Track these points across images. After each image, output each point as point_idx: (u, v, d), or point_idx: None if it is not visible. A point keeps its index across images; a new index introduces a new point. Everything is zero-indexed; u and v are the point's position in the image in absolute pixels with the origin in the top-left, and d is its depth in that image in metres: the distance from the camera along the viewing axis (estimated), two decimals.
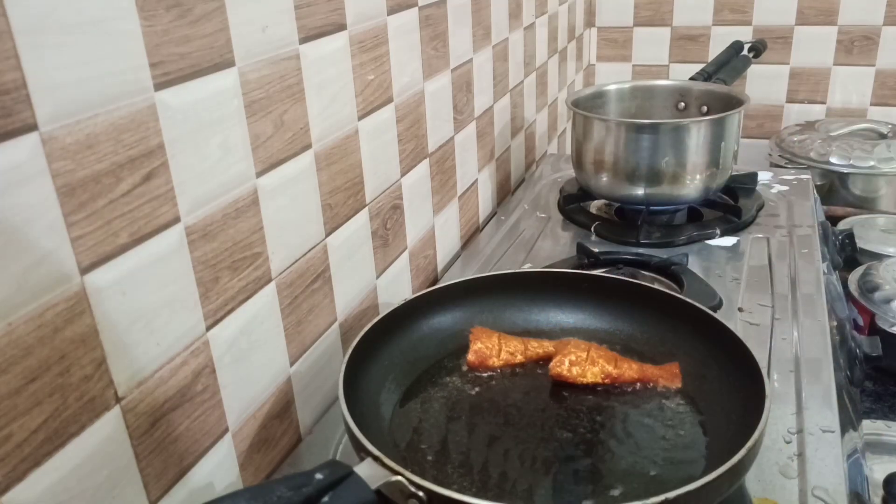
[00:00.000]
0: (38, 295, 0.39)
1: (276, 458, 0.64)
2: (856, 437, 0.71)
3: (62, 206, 0.40)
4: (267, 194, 0.59)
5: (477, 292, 0.73)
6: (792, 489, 0.57)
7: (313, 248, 0.67)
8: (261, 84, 0.57)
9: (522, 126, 1.33)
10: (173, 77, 0.48)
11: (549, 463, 0.56)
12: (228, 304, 0.56)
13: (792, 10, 1.74)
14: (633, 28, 1.89)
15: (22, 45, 0.37)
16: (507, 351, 0.67)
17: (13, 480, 0.39)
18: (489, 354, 0.67)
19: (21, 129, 0.38)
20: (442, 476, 0.55)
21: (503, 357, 0.67)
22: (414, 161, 0.87)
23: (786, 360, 0.73)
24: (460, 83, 0.99)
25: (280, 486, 0.43)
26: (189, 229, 0.51)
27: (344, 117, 0.70)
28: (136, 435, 0.47)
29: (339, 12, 0.67)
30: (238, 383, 0.58)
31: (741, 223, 1.03)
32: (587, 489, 0.53)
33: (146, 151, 0.46)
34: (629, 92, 1.20)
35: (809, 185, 1.18)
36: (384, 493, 0.47)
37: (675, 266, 0.88)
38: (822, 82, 1.78)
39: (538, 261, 0.97)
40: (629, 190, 1.03)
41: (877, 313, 1.20)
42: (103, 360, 0.44)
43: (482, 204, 1.14)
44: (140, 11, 0.44)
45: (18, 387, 0.39)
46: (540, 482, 0.54)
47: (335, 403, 0.72)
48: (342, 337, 0.74)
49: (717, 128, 0.99)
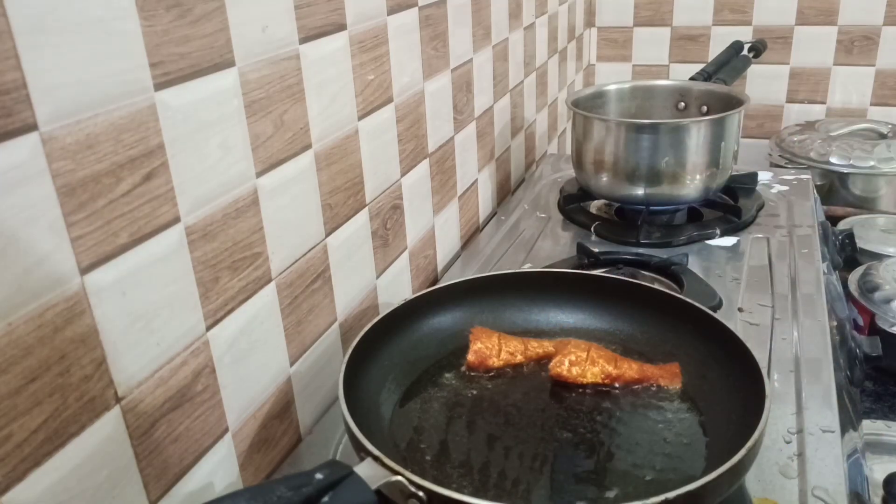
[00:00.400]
0: (38, 295, 0.39)
1: (276, 458, 0.64)
2: (856, 437, 0.71)
3: (62, 206, 0.40)
4: (267, 194, 0.59)
5: (477, 292, 0.73)
6: (792, 489, 0.57)
7: (313, 248, 0.67)
8: (261, 84, 0.57)
9: (522, 126, 1.33)
10: (173, 77, 0.48)
11: (549, 463, 0.56)
12: (228, 304, 0.56)
13: (792, 10, 1.74)
14: (633, 28, 1.89)
15: (22, 45, 0.37)
16: (507, 351, 0.67)
17: (13, 480, 0.39)
18: (489, 354, 0.67)
19: (21, 129, 0.38)
20: (442, 476, 0.55)
21: (503, 357, 0.67)
22: (414, 161, 0.87)
23: (786, 360, 0.73)
24: (460, 83, 0.99)
25: (280, 486, 0.43)
26: (189, 229, 0.51)
27: (344, 117, 0.70)
28: (136, 435, 0.47)
29: (339, 12, 0.67)
30: (238, 383, 0.58)
31: (741, 223, 1.03)
32: (587, 489, 0.53)
33: (146, 151, 0.46)
34: (629, 92, 1.20)
35: (809, 185, 1.18)
36: (384, 493, 0.47)
37: (675, 266, 0.88)
38: (822, 82, 1.78)
39: (538, 261, 0.97)
40: (629, 190, 1.03)
41: (877, 313, 1.20)
42: (103, 360, 0.44)
43: (482, 204, 1.14)
44: (140, 11, 0.44)
45: (18, 387, 0.39)
46: (540, 482, 0.54)
47: (335, 403, 0.72)
48: (342, 337, 0.74)
49: (717, 128, 0.99)
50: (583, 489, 0.53)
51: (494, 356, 0.67)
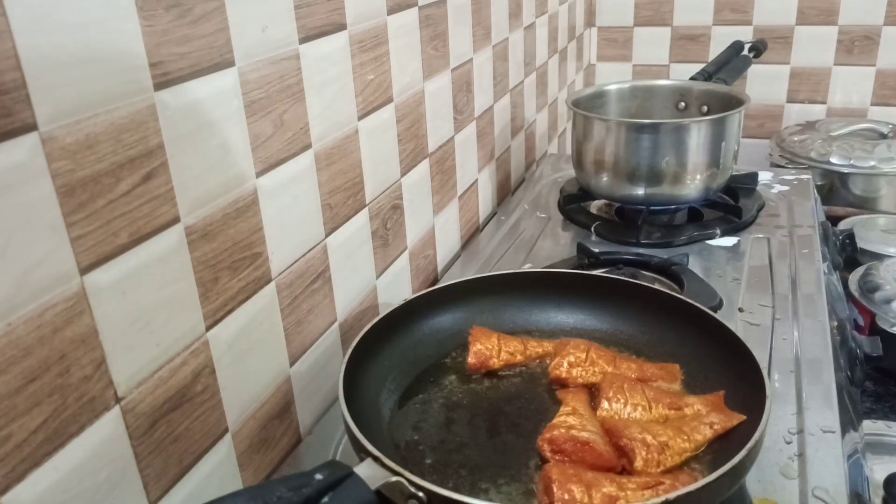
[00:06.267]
0: (37, 295, 0.39)
1: (275, 458, 0.64)
2: (856, 438, 0.71)
3: (62, 206, 0.40)
4: (267, 194, 0.59)
5: (477, 292, 0.73)
6: (792, 490, 0.57)
7: (313, 248, 0.67)
8: (260, 84, 0.57)
9: (522, 126, 1.33)
10: (173, 77, 0.48)
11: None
12: (228, 305, 0.56)
13: (792, 9, 1.74)
14: (633, 28, 1.89)
15: (22, 45, 0.37)
16: (506, 351, 0.67)
17: (13, 481, 0.39)
18: (489, 355, 0.67)
19: (21, 129, 0.38)
20: (442, 476, 0.55)
21: (503, 357, 0.67)
22: (414, 161, 0.87)
23: (786, 361, 0.73)
24: (460, 83, 0.99)
25: (280, 486, 0.43)
26: (189, 229, 0.50)
27: (344, 117, 0.70)
28: (135, 435, 0.47)
29: (339, 12, 0.67)
30: (238, 383, 0.58)
31: (741, 223, 1.03)
32: None
33: (146, 151, 0.46)
34: (629, 92, 1.20)
35: (810, 185, 1.18)
36: (384, 493, 0.47)
37: (676, 266, 0.88)
38: (823, 82, 1.78)
39: (538, 261, 0.97)
40: (629, 190, 1.03)
41: (877, 313, 1.20)
42: (103, 360, 0.44)
43: (482, 204, 1.14)
44: (140, 11, 0.44)
45: (18, 387, 0.39)
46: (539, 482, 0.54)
47: (335, 403, 0.72)
48: (342, 337, 0.74)
49: (717, 128, 0.99)
50: None
51: (494, 357, 0.67)
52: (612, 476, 0.51)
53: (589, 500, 0.48)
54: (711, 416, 0.57)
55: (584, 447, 0.54)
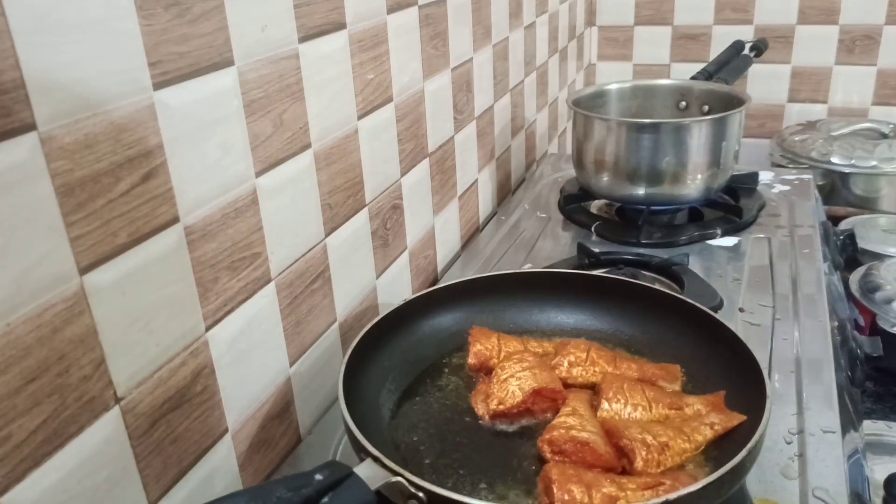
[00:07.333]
0: (37, 295, 0.39)
1: (275, 458, 0.64)
2: (856, 438, 0.71)
3: (61, 205, 0.40)
4: (266, 194, 0.59)
5: (477, 292, 0.73)
6: (793, 490, 0.57)
7: (313, 248, 0.67)
8: (260, 83, 0.57)
9: (523, 126, 1.32)
10: (172, 76, 0.48)
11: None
12: (228, 305, 0.56)
13: (793, 9, 1.74)
14: (633, 27, 1.89)
15: (21, 44, 0.37)
16: (506, 351, 0.67)
17: (12, 481, 0.39)
18: (489, 355, 0.67)
19: (20, 129, 0.38)
20: (441, 476, 0.55)
21: (503, 358, 0.67)
22: (414, 161, 0.86)
23: (787, 361, 0.73)
24: (460, 83, 0.98)
25: (280, 486, 0.43)
26: (188, 229, 0.50)
27: (343, 117, 0.70)
28: (135, 435, 0.47)
29: (338, 11, 0.67)
30: (237, 384, 0.58)
31: (742, 223, 1.03)
32: None
33: (145, 151, 0.46)
34: (630, 91, 1.20)
35: (811, 184, 1.18)
36: (384, 493, 0.47)
37: (676, 266, 0.88)
38: (824, 82, 1.78)
39: (538, 261, 0.97)
40: (630, 190, 1.03)
41: (878, 313, 1.20)
42: (102, 360, 0.44)
43: (482, 204, 1.14)
44: (139, 11, 0.44)
45: (17, 387, 0.39)
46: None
47: (335, 404, 0.72)
48: (342, 337, 0.74)
49: (718, 127, 0.99)
50: None
51: (494, 357, 0.67)
52: (613, 476, 0.51)
53: (589, 500, 0.48)
54: (712, 417, 0.57)
55: (584, 447, 0.54)
